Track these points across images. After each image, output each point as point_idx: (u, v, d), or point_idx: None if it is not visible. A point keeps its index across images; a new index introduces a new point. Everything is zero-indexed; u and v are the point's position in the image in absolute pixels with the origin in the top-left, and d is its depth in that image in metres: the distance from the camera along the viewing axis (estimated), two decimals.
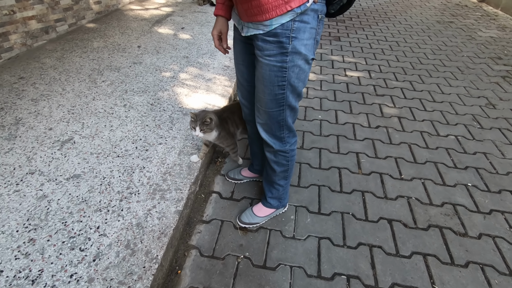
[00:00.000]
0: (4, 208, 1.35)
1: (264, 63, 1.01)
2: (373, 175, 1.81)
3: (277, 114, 1.13)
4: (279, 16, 0.91)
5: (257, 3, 0.91)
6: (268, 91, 1.07)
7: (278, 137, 1.22)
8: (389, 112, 2.43)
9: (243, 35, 1.05)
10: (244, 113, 1.43)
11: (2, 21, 2.53)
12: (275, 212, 1.51)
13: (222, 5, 1.14)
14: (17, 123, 1.88)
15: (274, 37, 0.95)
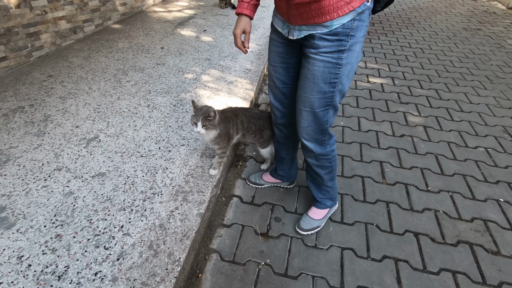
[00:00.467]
0: (33, 203, 1.38)
1: (319, 59, 1.03)
2: (398, 185, 1.76)
3: (322, 114, 1.14)
4: (340, 17, 0.94)
5: (317, 6, 0.93)
6: (318, 89, 1.08)
7: (320, 140, 1.23)
8: (414, 120, 2.36)
9: (292, 38, 1.07)
10: (274, 116, 1.42)
11: (35, 21, 2.63)
12: (329, 211, 1.51)
13: (248, 4, 1.14)
14: (46, 119, 1.94)
15: (334, 36, 0.98)
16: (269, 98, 1.39)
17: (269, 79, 1.34)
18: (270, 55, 1.27)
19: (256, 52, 3.15)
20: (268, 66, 1.31)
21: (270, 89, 1.36)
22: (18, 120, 1.91)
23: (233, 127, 1.53)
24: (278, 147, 1.54)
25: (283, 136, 1.47)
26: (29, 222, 1.29)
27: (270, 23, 1.33)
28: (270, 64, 1.28)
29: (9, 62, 2.45)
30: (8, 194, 1.41)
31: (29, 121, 1.91)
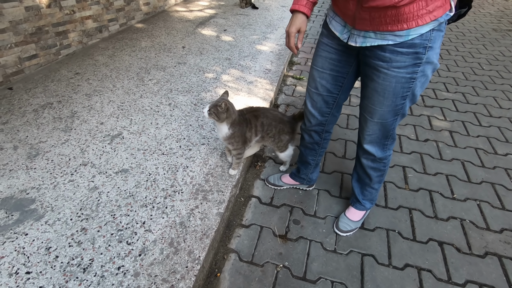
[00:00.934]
0: (60, 196, 1.43)
1: (391, 75, 0.97)
2: (422, 192, 1.70)
3: (390, 123, 1.11)
4: (419, 26, 0.86)
5: (394, 12, 0.85)
6: (388, 103, 1.04)
7: (383, 144, 1.20)
8: (439, 125, 2.28)
9: (353, 45, 1.00)
10: (308, 123, 1.36)
11: (64, 20, 2.73)
12: (366, 212, 1.50)
13: (306, 1, 1.06)
14: (72, 116, 2.01)
15: (409, 48, 0.91)
16: (306, 104, 1.31)
17: (310, 85, 1.26)
18: (317, 59, 1.20)
19: (276, 52, 3.13)
20: (312, 71, 1.23)
21: (309, 96, 1.29)
22: (47, 116, 1.99)
23: (251, 129, 1.50)
24: (305, 152, 1.50)
25: (313, 142, 1.43)
26: (57, 214, 1.34)
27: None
28: (316, 69, 1.21)
29: (39, 59, 2.56)
30: (37, 187, 1.47)
31: (57, 117, 1.99)
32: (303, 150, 1.52)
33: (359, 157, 1.33)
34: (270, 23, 3.99)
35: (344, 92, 1.24)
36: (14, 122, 1.92)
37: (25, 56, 2.43)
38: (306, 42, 3.82)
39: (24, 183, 1.49)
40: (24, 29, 2.38)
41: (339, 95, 1.24)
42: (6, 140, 1.76)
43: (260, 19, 4.18)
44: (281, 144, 1.58)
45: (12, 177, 1.52)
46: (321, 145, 1.44)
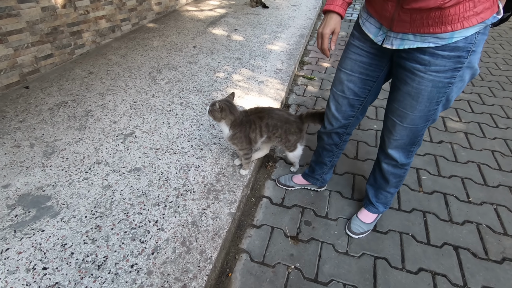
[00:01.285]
0: (75, 194, 1.46)
1: (428, 78, 0.93)
2: (436, 195, 1.67)
3: (420, 129, 1.08)
4: (465, 29, 0.82)
5: (438, 14, 0.81)
6: (421, 108, 1.00)
7: (408, 151, 1.18)
8: (454, 126, 2.23)
9: (389, 47, 0.97)
10: (329, 125, 1.32)
11: (78, 20, 2.77)
12: (379, 215, 1.49)
13: (342, 1, 1.01)
14: (86, 114, 2.04)
15: (452, 51, 0.86)
16: (329, 107, 1.27)
17: (336, 87, 1.21)
18: (345, 62, 1.16)
19: (287, 51, 3.12)
20: (339, 73, 1.19)
21: (333, 98, 1.25)
22: (62, 114, 2.03)
23: (255, 130, 1.48)
24: (322, 153, 1.48)
25: (332, 144, 1.41)
26: (72, 212, 1.37)
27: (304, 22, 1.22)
28: (343, 71, 1.17)
29: (54, 59, 2.61)
30: (53, 184, 1.50)
31: (72, 115, 2.02)
32: (320, 151, 1.49)
33: (379, 161, 1.29)
34: (280, 23, 3.97)
35: (371, 95, 1.21)
36: (30, 120, 1.96)
37: (41, 56, 2.48)
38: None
39: (41, 180, 1.53)
40: (40, 29, 2.43)
41: (366, 98, 1.21)
42: (23, 138, 1.80)
43: (270, 18, 4.16)
44: (289, 144, 1.55)
45: (29, 174, 1.55)
46: (340, 147, 1.43)
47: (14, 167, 1.59)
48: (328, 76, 2.96)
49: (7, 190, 1.46)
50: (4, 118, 1.97)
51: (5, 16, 2.16)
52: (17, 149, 1.72)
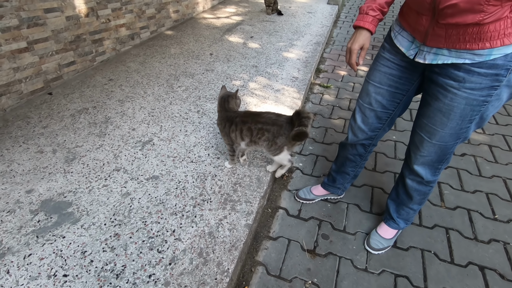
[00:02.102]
0: (95, 201, 1.48)
1: (461, 96, 0.89)
2: (459, 210, 1.61)
3: (450, 147, 1.04)
4: (504, 46, 0.79)
5: (476, 29, 0.79)
6: (452, 125, 0.96)
7: (436, 167, 1.13)
8: (477, 138, 2.16)
9: (421, 62, 0.94)
10: (354, 137, 1.30)
11: (100, 29, 2.85)
12: (400, 231, 1.44)
13: (373, 18, 1.02)
14: (106, 121, 2.08)
15: (489, 69, 0.83)
16: (355, 119, 1.26)
17: (363, 99, 1.20)
18: (374, 74, 1.14)
19: (303, 59, 3.11)
20: (367, 85, 1.17)
21: (360, 110, 1.23)
22: (83, 121, 2.08)
23: (235, 131, 1.49)
24: (345, 163, 1.46)
25: (356, 154, 1.39)
26: (92, 219, 1.39)
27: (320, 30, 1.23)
28: (372, 84, 1.15)
29: (76, 66, 2.69)
30: (74, 191, 1.54)
31: (92, 122, 2.07)
32: (342, 161, 1.47)
33: (403, 176, 1.25)
34: (296, 30, 3.97)
35: (400, 108, 1.19)
36: (53, 126, 2.02)
37: (64, 63, 2.56)
38: (333, 49, 3.77)
39: (62, 186, 1.56)
40: (64, 37, 2.51)
41: (395, 111, 1.19)
42: (46, 144, 1.85)
43: (286, 25, 4.17)
44: (275, 147, 1.46)
45: (51, 180, 1.59)
46: (364, 157, 1.40)
47: (37, 173, 1.64)
48: (345, 84, 2.93)
49: (31, 196, 1.50)
50: (28, 124, 2.04)
51: (32, 25, 2.25)
52: (40, 154, 1.77)
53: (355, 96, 2.73)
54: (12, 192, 1.52)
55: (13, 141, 1.88)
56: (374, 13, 1.02)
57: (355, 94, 2.75)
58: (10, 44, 2.13)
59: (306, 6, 5.27)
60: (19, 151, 1.79)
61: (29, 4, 2.20)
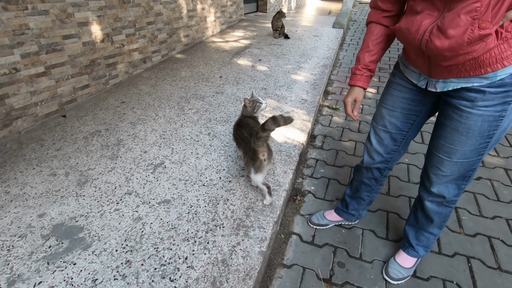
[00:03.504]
0: (106, 225, 1.47)
1: (477, 113, 0.91)
2: (479, 237, 1.55)
3: (473, 163, 1.03)
4: (507, 67, 0.81)
5: (473, 61, 0.82)
6: (471, 142, 0.97)
7: (459, 186, 1.11)
8: (492, 161, 2.12)
9: (434, 91, 0.98)
10: (370, 159, 1.31)
11: (114, 53, 2.95)
12: (419, 260, 1.39)
13: (362, 76, 1.13)
14: (118, 144, 2.10)
15: (498, 88, 0.85)
16: (370, 142, 1.28)
17: (378, 122, 1.23)
18: (387, 98, 1.17)
19: (311, 82, 3.15)
20: (380, 108, 1.21)
21: (374, 133, 1.25)
22: (95, 143, 2.10)
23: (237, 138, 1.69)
24: (359, 187, 1.44)
25: (371, 178, 1.38)
26: (103, 245, 1.37)
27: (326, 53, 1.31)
28: (385, 107, 1.18)
29: (90, 89, 2.76)
30: (85, 215, 1.52)
31: (105, 144, 2.09)
32: (357, 185, 1.45)
33: (422, 200, 1.23)
34: (303, 53, 4.06)
35: (414, 129, 1.20)
36: (66, 148, 2.04)
37: (78, 86, 2.63)
38: (340, 72, 3.82)
39: (74, 210, 1.55)
40: (80, 62, 2.60)
41: (409, 132, 1.20)
42: (59, 166, 1.87)
43: (293, 49, 4.27)
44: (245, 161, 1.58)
45: (63, 204, 1.59)
46: (380, 182, 1.38)
47: (49, 196, 1.64)
48: None
49: (42, 220, 1.49)
50: (42, 146, 2.06)
51: (51, 51, 2.33)
52: (53, 177, 1.78)
53: (364, 118, 2.73)
54: (24, 216, 1.51)
55: (27, 163, 1.90)
56: (360, 73, 1.14)
57: (364, 116, 2.76)
58: (29, 69, 2.20)
59: (312, 29, 5.42)
60: (32, 174, 1.80)
61: (49, 31, 2.29)
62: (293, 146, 2.08)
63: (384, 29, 1.08)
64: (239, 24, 5.73)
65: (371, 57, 1.11)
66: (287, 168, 1.87)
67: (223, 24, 5.22)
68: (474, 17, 0.73)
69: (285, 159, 1.95)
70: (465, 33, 0.75)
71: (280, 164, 1.90)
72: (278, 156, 1.98)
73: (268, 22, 5.88)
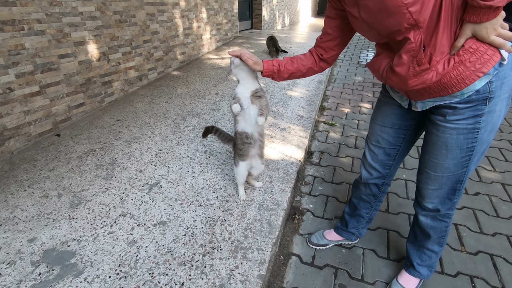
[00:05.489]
0: (99, 250, 1.42)
1: (450, 127, 0.95)
2: (482, 256, 1.53)
3: (457, 176, 1.05)
4: (471, 85, 0.85)
5: (437, 84, 0.87)
6: (452, 156, 1.00)
7: (450, 200, 1.11)
8: (489, 176, 2.12)
9: (416, 110, 1.04)
10: (368, 174, 1.32)
11: (110, 71, 2.95)
12: (422, 281, 1.36)
13: (270, 63, 1.24)
14: (113, 163, 2.07)
15: (467, 103, 0.90)
16: (365, 157, 1.31)
17: (370, 138, 1.27)
18: (377, 114, 1.22)
19: (307, 98, 3.17)
20: (372, 124, 1.25)
21: (368, 149, 1.29)
22: (89, 163, 2.06)
23: None
24: (358, 204, 1.43)
25: (370, 194, 1.37)
26: (96, 271, 1.31)
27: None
28: (376, 123, 1.23)
29: (85, 107, 2.74)
30: (78, 239, 1.47)
31: (99, 164, 2.06)
32: (356, 203, 1.44)
33: (416, 215, 1.24)
34: None
35: (406, 143, 1.22)
36: (59, 169, 2.00)
37: (73, 105, 2.62)
38: (335, 87, 3.87)
39: (66, 234, 1.50)
40: (75, 80, 2.59)
41: (402, 146, 1.22)
42: (52, 188, 1.82)
43: None
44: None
45: (55, 227, 1.54)
46: (378, 198, 1.38)
47: (41, 219, 1.59)
48: (349, 122, 2.96)
49: (33, 245, 1.44)
50: (35, 167, 2.02)
51: (46, 70, 2.32)
52: (45, 199, 1.73)
53: (360, 133, 2.74)
54: (13, 241, 1.46)
55: (18, 185, 1.85)
56: (274, 63, 1.24)
57: (360, 132, 2.77)
58: (23, 89, 2.19)
59: (306, 46, 5.53)
60: (23, 196, 1.75)
61: (44, 51, 2.29)
62: (290, 163, 2.07)
63: (313, 62, 1.22)
64: (235, 41, 5.83)
65: (289, 66, 1.22)
66: (285, 186, 1.85)
67: (218, 41, 5.30)
68: (413, 55, 0.84)
69: (283, 177, 1.93)
70: (408, 69, 0.87)
71: (278, 182, 1.88)
72: (275, 173, 1.96)
73: (263, 39, 5.99)
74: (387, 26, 0.85)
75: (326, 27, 1.16)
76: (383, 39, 0.93)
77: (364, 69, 4.62)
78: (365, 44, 6.48)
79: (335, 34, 1.14)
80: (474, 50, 0.80)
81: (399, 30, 0.83)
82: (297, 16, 10.59)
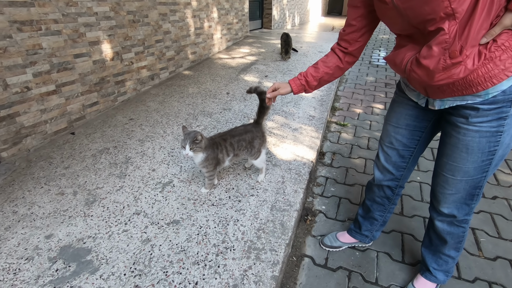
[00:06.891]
0: (114, 247, 1.43)
1: (473, 129, 0.92)
2: (500, 261, 1.49)
3: (478, 180, 1.01)
4: (498, 84, 0.82)
5: (462, 81, 0.84)
6: (473, 159, 0.97)
7: (467, 205, 1.08)
8: (507, 180, 2.06)
9: (433, 109, 1.00)
10: (382, 176, 1.29)
11: (123, 71, 2.99)
12: (439, 286, 1.33)
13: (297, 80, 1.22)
14: (127, 161, 2.09)
15: (491, 105, 0.87)
16: (379, 159, 1.29)
17: (384, 140, 1.24)
18: (391, 115, 1.19)
19: (318, 98, 3.15)
20: (386, 126, 1.23)
21: (382, 150, 1.26)
22: (103, 161, 2.09)
23: (222, 151, 1.66)
24: (372, 207, 1.41)
25: (383, 197, 1.35)
26: (111, 268, 1.33)
27: None
28: (390, 124, 1.20)
29: (99, 106, 2.78)
30: (93, 236, 1.50)
31: (113, 162, 2.08)
32: (369, 205, 1.42)
33: (432, 219, 1.20)
34: None
35: (421, 145, 1.20)
36: (74, 167, 2.03)
37: (87, 104, 2.66)
38: (346, 87, 3.83)
39: (82, 231, 1.53)
40: (90, 80, 2.63)
41: (416, 148, 1.20)
42: (67, 185, 1.85)
43: (299, 64, 4.31)
44: (254, 151, 1.73)
45: (71, 224, 1.56)
46: (392, 201, 1.35)
47: (57, 216, 1.62)
48: (361, 122, 2.92)
49: (50, 241, 1.47)
50: (51, 164, 2.06)
51: (62, 70, 2.37)
52: (61, 196, 1.76)
53: (373, 134, 2.71)
54: (31, 237, 1.49)
55: (35, 182, 1.89)
56: (299, 77, 1.22)
57: (373, 132, 2.73)
58: (40, 88, 2.23)
59: (316, 46, 5.49)
60: (40, 193, 1.79)
61: (61, 51, 2.33)
62: (302, 164, 2.05)
63: (337, 59, 1.17)
64: (245, 40, 5.83)
65: (314, 72, 1.19)
66: (298, 187, 1.83)
67: (229, 41, 5.31)
68: (445, 47, 0.79)
69: (295, 178, 1.92)
70: (438, 62, 0.82)
71: (290, 183, 1.87)
72: (288, 174, 1.95)
73: (274, 38, 5.98)
74: (420, 14, 0.79)
75: (349, 18, 1.09)
76: (410, 29, 0.88)
77: (376, 69, 4.56)
78: (377, 43, 6.39)
79: (360, 25, 1.07)
80: (506, 48, 0.77)
81: (433, 19, 0.78)
82: (307, 16, 10.53)
